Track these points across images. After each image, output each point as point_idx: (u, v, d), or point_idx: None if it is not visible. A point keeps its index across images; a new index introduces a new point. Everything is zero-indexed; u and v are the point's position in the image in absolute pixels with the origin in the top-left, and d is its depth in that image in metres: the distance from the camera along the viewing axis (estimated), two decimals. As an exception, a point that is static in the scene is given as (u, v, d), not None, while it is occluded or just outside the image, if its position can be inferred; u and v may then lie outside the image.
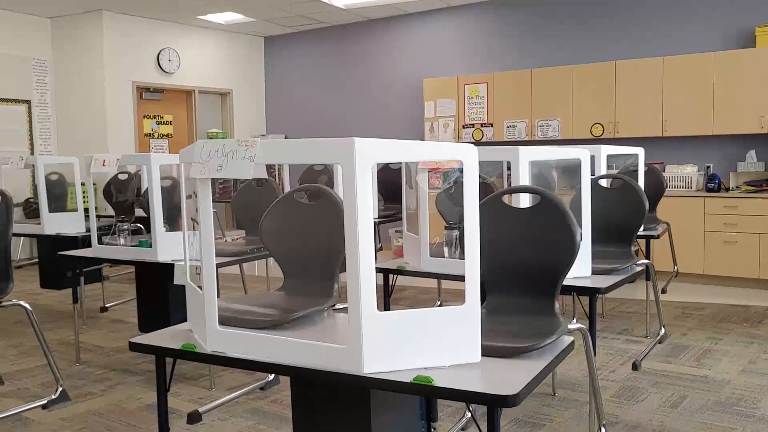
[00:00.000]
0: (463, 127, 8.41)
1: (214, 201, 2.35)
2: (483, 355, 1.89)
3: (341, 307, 2.61)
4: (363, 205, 1.74)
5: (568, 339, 2.07)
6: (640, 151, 4.84)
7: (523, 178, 3.04)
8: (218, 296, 2.27)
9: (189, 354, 2.07)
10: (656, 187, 5.17)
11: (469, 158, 1.83)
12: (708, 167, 7.04)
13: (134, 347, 2.15)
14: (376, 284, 1.79)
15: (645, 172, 4.99)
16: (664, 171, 7.13)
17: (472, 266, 1.85)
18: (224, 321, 2.12)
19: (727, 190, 6.86)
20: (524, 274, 2.32)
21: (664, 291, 6.13)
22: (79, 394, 3.91)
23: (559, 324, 2.12)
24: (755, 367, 4.15)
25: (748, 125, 6.64)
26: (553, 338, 1.97)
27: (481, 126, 8.27)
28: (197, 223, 2.08)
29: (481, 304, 2.27)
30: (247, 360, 1.97)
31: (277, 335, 1.98)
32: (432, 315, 1.83)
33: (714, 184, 6.80)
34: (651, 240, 4.93)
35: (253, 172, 1.86)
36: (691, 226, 6.67)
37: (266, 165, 8.35)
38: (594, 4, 7.76)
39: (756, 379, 3.94)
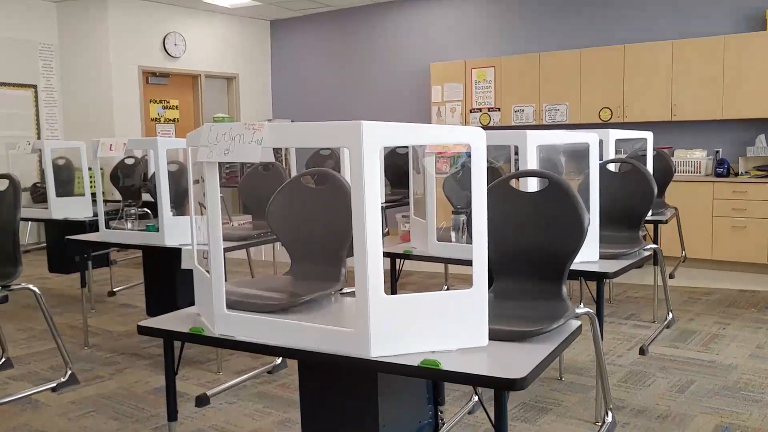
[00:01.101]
0: (471, 111, 8.37)
1: (220, 185, 2.35)
2: (490, 339, 1.89)
3: (348, 291, 2.61)
4: (370, 189, 1.73)
5: (575, 323, 2.06)
6: (648, 136, 4.81)
7: (531, 162, 3.02)
8: (225, 280, 2.27)
9: (197, 337, 2.07)
10: (665, 172, 5.14)
11: (477, 142, 1.82)
12: (717, 152, 7.00)
13: (142, 330, 2.16)
14: (383, 269, 1.79)
15: (653, 156, 4.96)
16: (672, 155, 7.08)
17: (479, 251, 1.84)
18: (232, 305, 2.12)
19: (736, 174, 6.81)
20: (532, 258, 2.31)
21: (672, 276, 6.11)
22: (87, 377, 3.94)
23: (566, 308, 2.11)
24: (763, 352, 4.14)
25: (758, 109, 6.58)
26: (561, 322, 1.97)
27: (489, 110, 8.23)
28: (205, 208, 2.08)
29: (489, 288, 2.26)
30: (254, 343, 1.98)
31: (284, 319, 1.99)
32: (439, 299, 1.83)
33: (723, 169, 6.76)
34: (659, 225, 4.90)
35: (261, 156, 1.85)
36: (700, 211, 6.64)
37: (273, 149, 8.33)
38: (603, -13, 7.69)
39: (763, 364, 3.93)
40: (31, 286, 3.51)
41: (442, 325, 1.83)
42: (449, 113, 8.55)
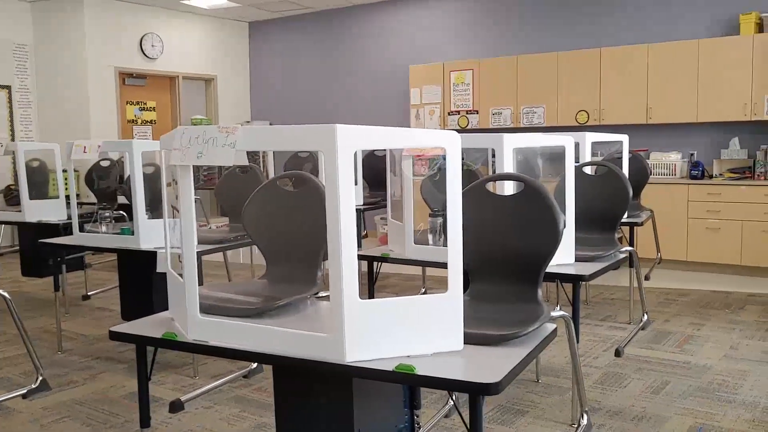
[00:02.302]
0: (449, 113, 8.39)
1: (198, 188, 2.33)
2: (466, 342, 1.89)
3: (324, 294, 2.60)
4: (345, 193, 1.72)
5: (550, 326, 2.07)
6: (624, 139, 4.85)
7: (507, 165, 3.03)
8: (200, 284, 2.25)
9: (170, 343, 2.05)
10: (640, 175, 5.19)
11: (451, 145, 1.82)
12: (692, 154, 7.07)
13: (114, 336, 2.13)
14: (361, 272, 1.78)
15: (629, 159, 5.00)
16: (648, 158, 7.15)
17: (454, 254, 1.84)
18: (206, 309, 2.10)
19: (711, 177, 6.89)
20: (508, 261, 2.31)
21: (647, 278, 6.17)
22: (61, 382, 3.89)
23: (542, 311, 2.12)
24: (736, 353, 4.19)
25: (732, 112, 6.67)
26: (536, 326, 1.97)
27: (467, 113, 8.26)
28: (178, 211, 2.06)
29: (465, 291, 2.26)
30: (228, 348, 1.96)
31: (258, 323, 1.97)
32: (414, 303, 1.83)
33: (698, 171, 6.84)
34: (635, 227, 4.95)
35: (234, 159, 1.84)
36: (675, 213, 6.71)
37: (251, 152, 8.29)
38: (580, -9, 7.74)
39: (737, 365, 3.97)
40: (0, 291, 3.45)
41: (418, 329, 1.83)
42: (428, 115, 8.56)
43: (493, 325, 2.03)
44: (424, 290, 5.65)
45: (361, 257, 3.78)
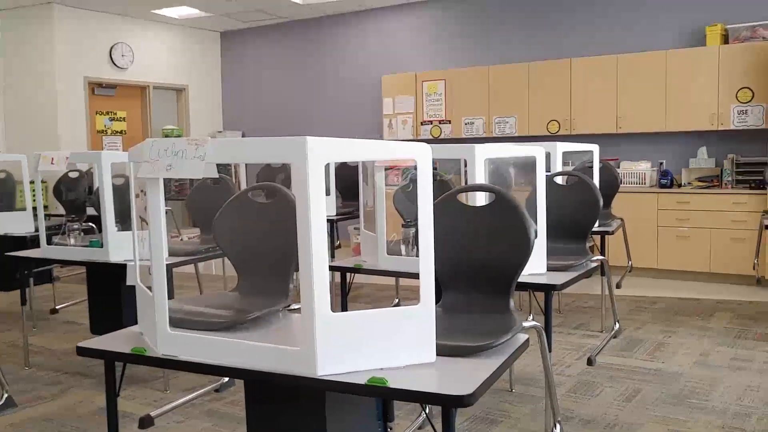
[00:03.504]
0: (422, 123, 8.42)
1: (169, 198, 2.31)
2: (438, 354, 1.88)
3: (296, 307, 2.58)
4: (315, 205, 1.71)
5: (522, 337, 2.07)
6: (594, 148, 4.90)
7: (479, 175, 3.04)
8: (170, 297, 2.22)
9: (139, 358, 2.01)
10: (611, 184, 5.24)
11: (422, 157, 1.82)
12: (661, 163, 7.17)
13: (82, 352, 2.09)
14: (334, 282, 1.77)
15: (600, 168, 5.05)
16: (618, 167, 7.24)
17: (426, 265, 1.84)
18: (176, 323, 2.07)
19: (680, 186, 6.99)
20: (479, 271, 2.32)
21: (618, 286, 6.23)
22: (29, 399, 3.80)
23: (514, 322, 2.12)
24: (707, 360, 4.24)
25: (699, 122, 6.78)
26: (508, 337, 1.97)
27: (440, 123, 8.29)
28: (146, 223, 2.03)
29: (437, 302, 2.26)
30: (199, 363, 1.93)
31: (229, 337, 1.95)
32: (386, 315, 1.82)
33: (667, 180, 6.94)
34: (605, 236, 4.99)
35: (204, 172, 1.82)
36: (645, 222, 6.79)
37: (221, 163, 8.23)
38: (551, 3, 7.83)
39: (708, 371, 4.02)
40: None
41: (390, 342, 1.82)
42: (401, 125, 8.58)
43: (466, 336, 2.03)
44: (397, 300, 5.64)
45: (333, 268, 3.77)
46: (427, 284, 1.84)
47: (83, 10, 8.62)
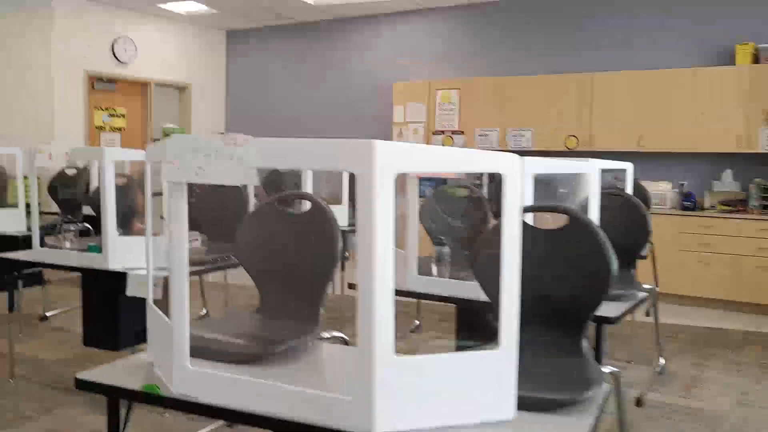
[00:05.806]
0: (433, 133, 8.12)
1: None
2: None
3: (327, 336, 2.26)
4: (382, 225, 1.39)
5: (606, 387, 1.76)
6: (628, 166, 4.60)
7: (528, 193, 2.73)
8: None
9: (151, 398, 1.68)
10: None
11: (510, 171, 1.50)
12: (682, 184, 6.89)
13: (82, 385, 1.76)
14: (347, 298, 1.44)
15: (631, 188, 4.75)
16: (639, 187, 6.94)
17: (509, 299, 1.52)
18: (193, 351, 1.74)
19: (702, 209, 6.71)
20: (547, 306, 2.00)
21: (648, 314, 5.92)
22: (11, 418, 3.45)
23: (594, 368, 1.80)
24: (749, 399, 3.93)
25: (725, 143, 6.50)
26: (596, 387, 1.66)
27: (452, 133, 7.99)
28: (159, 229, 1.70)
29: (490, 339, 1.94)
30: (223, 408, 1.60)
31: (259, 376, 1.62)
32: (459, 361, 1.50)
33: (690, 203, 6.65)
34: (637, 260, 4.68)
35: (243, 178, 1.50)
36: (666, 245, 6.49)
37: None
38: (573, 15, 7.56)
39: (753, 412, 3.71)
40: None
41: (462, 393, 1.50)
42: (411, 134, 8.27)
43: (542, 385, 1.70)
44: (417, 323, 5.30)
45: (349, 285, 3.46)
46: (509, 323, 1.52)
47: (86, 2, 8.28)
